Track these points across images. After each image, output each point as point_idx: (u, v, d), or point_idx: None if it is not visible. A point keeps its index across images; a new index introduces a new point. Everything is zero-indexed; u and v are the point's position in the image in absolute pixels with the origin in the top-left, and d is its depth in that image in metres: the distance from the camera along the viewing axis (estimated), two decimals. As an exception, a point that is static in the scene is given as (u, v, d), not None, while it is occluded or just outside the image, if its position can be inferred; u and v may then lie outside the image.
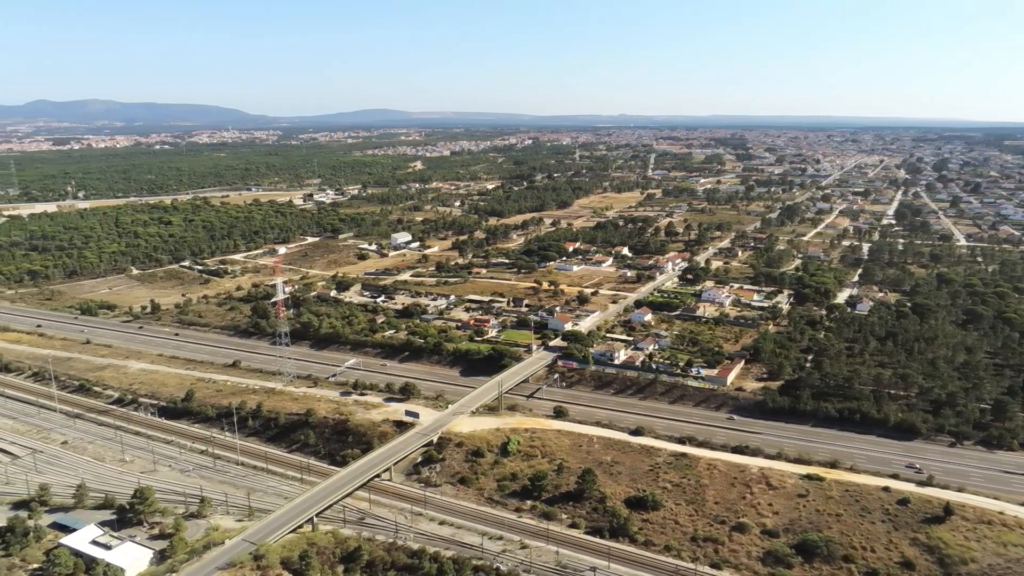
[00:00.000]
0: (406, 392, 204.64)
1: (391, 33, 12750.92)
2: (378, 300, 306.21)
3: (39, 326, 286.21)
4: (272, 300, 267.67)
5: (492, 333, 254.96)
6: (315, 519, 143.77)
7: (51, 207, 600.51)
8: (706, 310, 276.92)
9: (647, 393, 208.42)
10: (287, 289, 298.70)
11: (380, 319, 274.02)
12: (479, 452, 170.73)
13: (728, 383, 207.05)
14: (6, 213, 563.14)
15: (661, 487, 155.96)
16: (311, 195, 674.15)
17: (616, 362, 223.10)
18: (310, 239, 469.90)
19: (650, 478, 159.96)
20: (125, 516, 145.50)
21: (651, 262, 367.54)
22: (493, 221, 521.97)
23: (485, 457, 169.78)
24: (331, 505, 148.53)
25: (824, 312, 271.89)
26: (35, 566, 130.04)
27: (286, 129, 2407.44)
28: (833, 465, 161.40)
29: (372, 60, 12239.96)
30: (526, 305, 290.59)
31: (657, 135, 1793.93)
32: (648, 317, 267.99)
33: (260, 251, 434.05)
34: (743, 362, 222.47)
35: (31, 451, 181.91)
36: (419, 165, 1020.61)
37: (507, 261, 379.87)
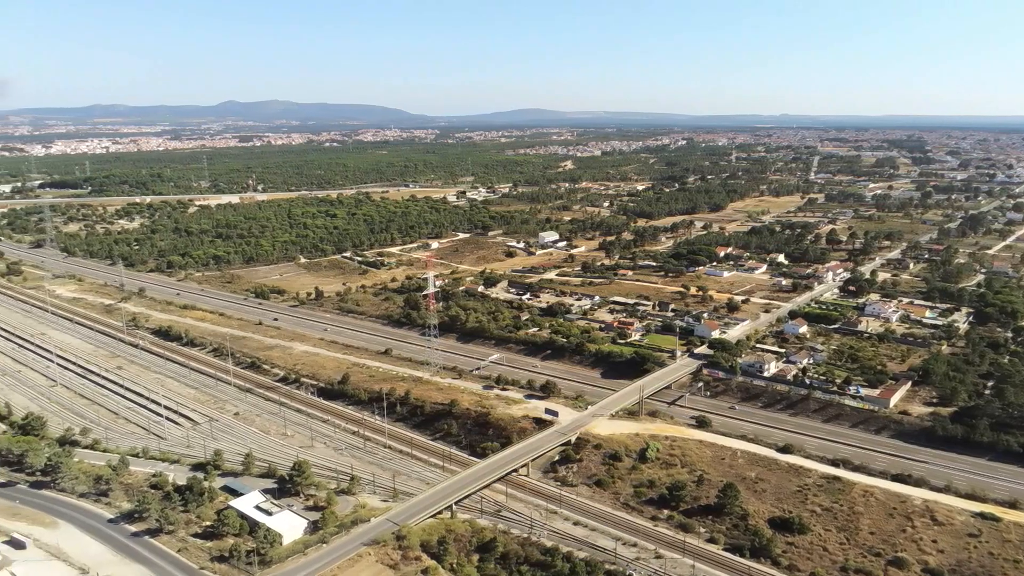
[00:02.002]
0: (546, 390, 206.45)
1: (547, 35, 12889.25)
2: (523, 297, 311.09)
3: (274, 319, 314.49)
4: (423, 293, 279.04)
5: (636, 336, 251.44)
6: (454, 507, 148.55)
7: (234, 198, 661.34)
8: (869, 325, 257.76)
9: (798, 409, 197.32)
10: (438, 283, 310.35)
11: (524, 316, 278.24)
12: (617, 456, 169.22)
13: (891, 405, 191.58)
14: (198, 203, 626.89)
15: (809, 510, 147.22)
16: (464, 192, 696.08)
17: (765, 374, 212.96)
18: (461, 235, 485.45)
19: (797, 499, 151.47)
20: (284, 486, 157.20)
21: (809, 271, 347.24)
22: (642, 222, 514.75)
23: (623, 461, 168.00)
24: (470, 495, 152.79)
25: (1010, 335, 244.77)
26: (207, 523, 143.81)
27: (444, 128, 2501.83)
28: (1013, 505, 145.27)
29: (527, 60, 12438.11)
30: (672, 310, 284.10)
31: (822, 136, 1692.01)
32: (803, 329, 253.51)
33: (414, 245, 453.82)
34: (909, 384, 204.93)
35: (209, 419, 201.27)
36: (569, 165, 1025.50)
37: (654, 264, 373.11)
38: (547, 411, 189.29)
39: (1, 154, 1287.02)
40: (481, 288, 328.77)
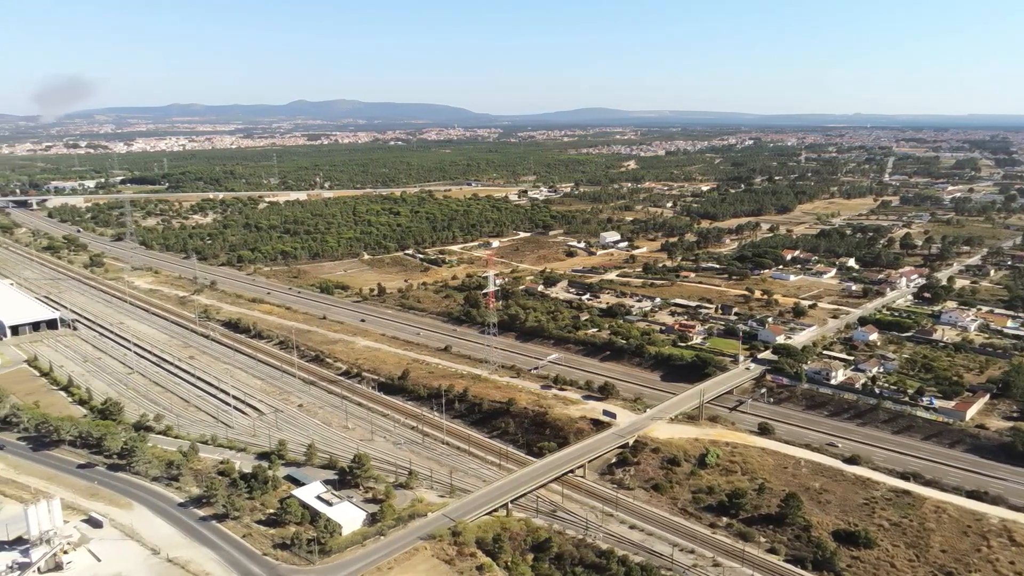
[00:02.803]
0: (605, 391, 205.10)
1: (611, 34, 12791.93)
2: (583, 297, 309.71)
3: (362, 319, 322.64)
4: (483, 291, 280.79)
5: (697, 339, 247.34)
6: (510, 505, 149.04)
7: (302, 195, 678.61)
8: (945, 334, 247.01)
9: (866, 420, 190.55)
10: (498, 281, 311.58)
11: (584, 316, 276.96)
12: (675, 460, 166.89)
13: (967, 418, 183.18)
14: (267, 199, 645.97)
15: (876, 524, 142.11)
16: (525, 191, 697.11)
17: (832, 382, 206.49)
18: (522, 234, 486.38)
19: (864, 512, 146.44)
20: (345, 478, 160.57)
21: (881, 276, 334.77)
22: (705, 224, 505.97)
23: (681, 466, 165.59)
24: (525, 494, 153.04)
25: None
26: (271, 511, 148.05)
27: (506, 127, 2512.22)
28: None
29: (591, 59, 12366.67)
30: (735, 313, 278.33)
31: (898, 136, 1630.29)
32: (873, 336, 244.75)
33: (476, 243, 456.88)
34: (988, 396, 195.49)
35: (274, 410, 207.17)
36: (632, 164, 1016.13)
37: (718, 266, 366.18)
38: (605, 413, 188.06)
39: (87, 151, 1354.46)
40: (541, 287, 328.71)
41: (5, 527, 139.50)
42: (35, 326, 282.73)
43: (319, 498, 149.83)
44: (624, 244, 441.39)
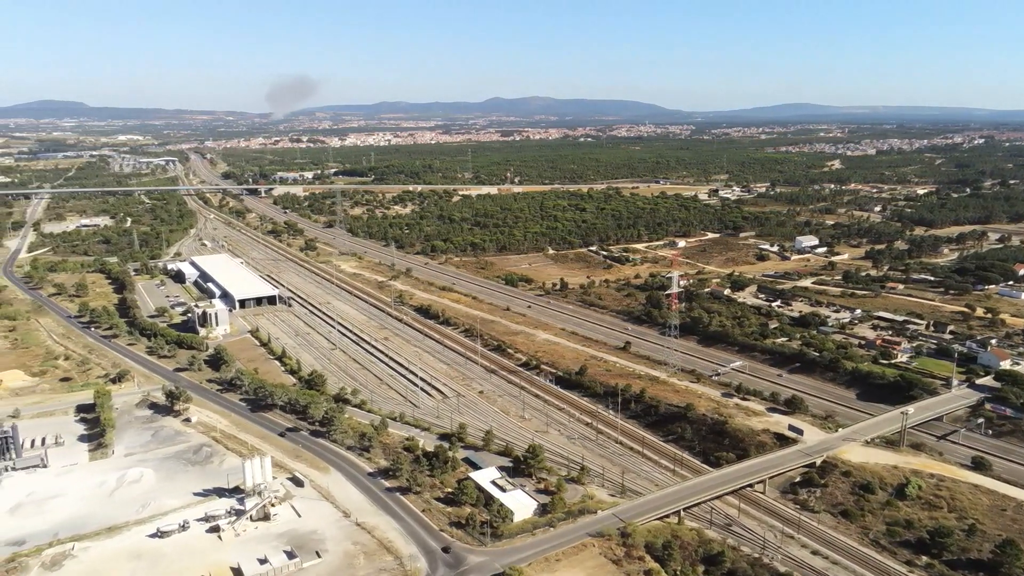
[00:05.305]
0: (791, 405, 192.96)
1: (816, 26, 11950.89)
2: (773, 304, 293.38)
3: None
4: (666, 291, 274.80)
5: (902, 358, 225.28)
6: (682, 513, 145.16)
7: (492, 190, 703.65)
8: None
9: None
10: (682, 282, 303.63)
11: (773, 324, 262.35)
12: (869, 487, 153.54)
13: None
14: (460, 193, 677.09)
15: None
16: (716, 191, 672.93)
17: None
18: (710, 235, 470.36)
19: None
20: (518, 466, 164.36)
21: None
22: (919, 231, 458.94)
23: (876, 494, 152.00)
24: (699, 503, 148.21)
25: None
26: (449, 490, 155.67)
27: (699, 124, 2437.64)
28: None
29: (793, 51, 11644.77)
30: (951, 332, 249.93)
31: None
32: None
33: (661, 243, 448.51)
34: None
35: (456, 394, 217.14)
36: (837, 164, 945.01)
37: (932, 278, 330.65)
38: (790, 428, 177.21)
39: (307, 145, 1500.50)
40: (727, 291, 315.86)
41: (226, 476, 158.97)
42: (258, 301, 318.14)
43: (494, 483, 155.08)
44: (822, 249, 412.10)
